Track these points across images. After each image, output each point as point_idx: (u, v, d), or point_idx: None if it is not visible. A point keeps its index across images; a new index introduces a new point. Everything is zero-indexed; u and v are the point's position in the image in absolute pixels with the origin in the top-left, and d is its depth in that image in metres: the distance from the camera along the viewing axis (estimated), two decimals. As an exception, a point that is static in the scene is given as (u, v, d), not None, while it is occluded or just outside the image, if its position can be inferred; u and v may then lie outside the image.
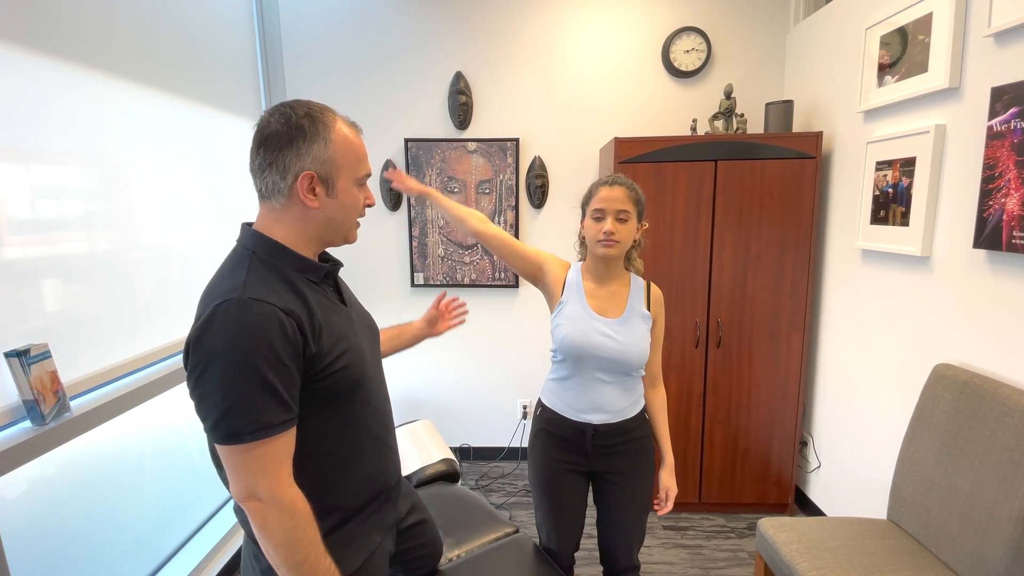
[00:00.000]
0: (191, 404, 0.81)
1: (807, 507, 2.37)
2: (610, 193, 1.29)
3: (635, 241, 1.36)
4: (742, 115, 2.31)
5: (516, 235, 2.67)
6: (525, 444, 2.88)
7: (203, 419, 0.79)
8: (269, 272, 0.85)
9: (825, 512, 2.24)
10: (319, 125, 0.86)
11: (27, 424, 1.32)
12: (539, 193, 2.61)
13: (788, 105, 2.26)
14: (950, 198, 1.58)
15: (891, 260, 1.83)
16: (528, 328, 2.76)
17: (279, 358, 0.79)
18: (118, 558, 1.66)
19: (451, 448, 2.90)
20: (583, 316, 1.33)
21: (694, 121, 2.39)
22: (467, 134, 2.61)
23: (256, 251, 0.87)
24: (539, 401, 1.47)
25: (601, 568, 1.51)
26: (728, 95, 2.31)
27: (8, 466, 1.22)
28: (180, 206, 1.97)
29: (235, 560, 2.07)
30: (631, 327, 1.33)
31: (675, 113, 2.60)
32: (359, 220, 0.98)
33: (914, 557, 1.45)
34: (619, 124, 2.61)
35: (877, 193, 1.86)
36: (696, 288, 2.25)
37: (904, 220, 1.73)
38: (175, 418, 1.95)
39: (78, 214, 1.53)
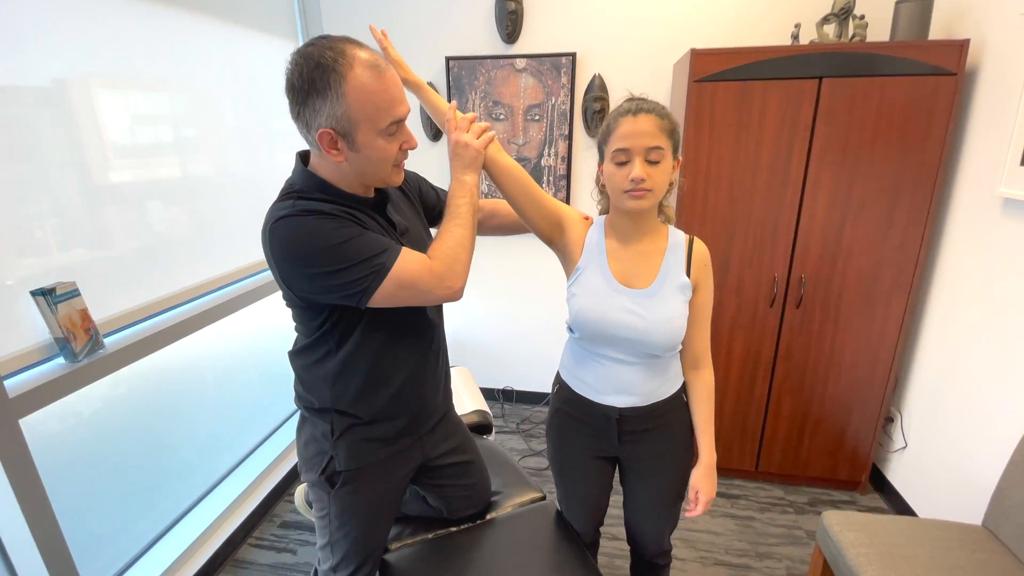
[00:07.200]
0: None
1: (884, 488, 2.11)
2: (635, 126, 0.98)
3: (670, 183, 1.05)
4: (862, 17, 1.81)
5: (568, 170, 2.38)
6: (571, 391, 2.76)
7: (353, 295, 0.88)
8: (314, 201, 0.89)
9: (904, 496, 1.98)
10: (330, 77, 0.81)
11: (61, 361, 1.35)
12: (597, 119, 2.28)
13: (926, 4, 1.73)
14: None
15: (1049, 214, 1.41)
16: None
17: (343, 225, 0.87)
18: (172, 478, 1.76)
19: (494, 390, 2.86)
20: (603, 287, 1.08)
21: (797, 27, 1.91)
22: (516, 49, 2.28)
23: (303, 188, 0.92)
24: (557, 375, 1.28)
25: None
26: (846, -9, 1.81)
27: (42, 402, 1.25)
28: (211, 137, 1.88)
29: (286, 480, 2.17)
30: (662, 301, 1.06)
31: (773, 16, 2.10)
32: (404, 161, 0.98)
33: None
34: (699, 33, 2.16)
35: (1043, 123, 1.40)
36: (778, 237, 1.91)
37: (1080, 161, 1.30)
38: (233, 344, 2.02)
39: (119, 144, 1.48)
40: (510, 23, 2.19)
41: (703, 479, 1.17)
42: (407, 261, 0.90)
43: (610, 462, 1.26)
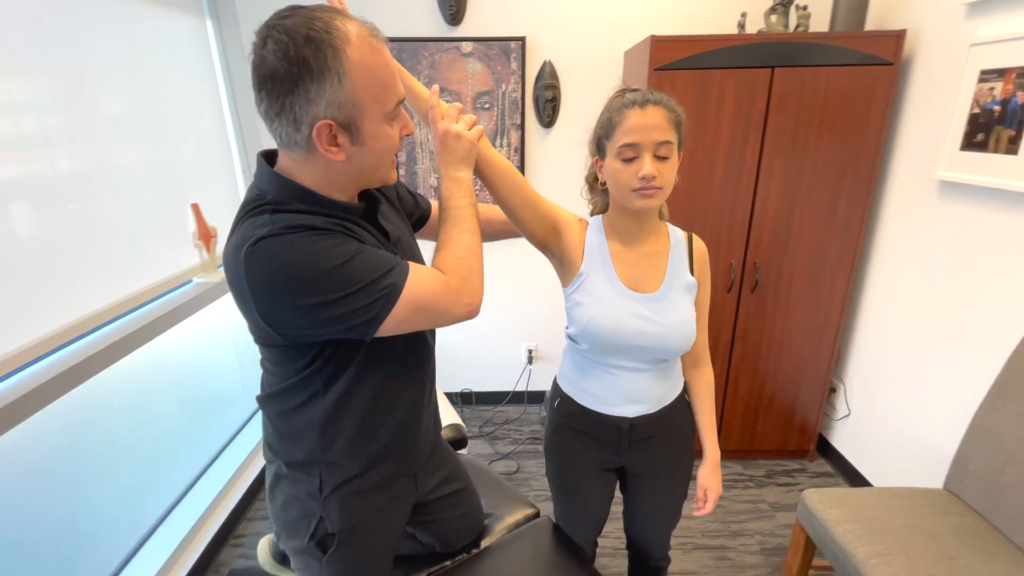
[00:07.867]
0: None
1: (829, 454, 2.27)
2: (644, 119, 0.91)
3: None
4: (805, 8, 1.87)
5: (522, 162, 2.28)
6: (530, 388, 2.70)
7: (358, 327, 0.73)
8: (296, 214, 0.73)
9: (850, 460, 2.14)
10: (327, 54, 0.65)
11: (-73, 427, 1.05)
12: (549, 108, 2.19)
13: (862, -6, 1.82)
14: (1086, 121, 1.25)
15: (984, 196, 1.53)
16: (534, 269, 2.45)
17: (340, 241, 0.72)
18: (89, 541, 1.47)
19: (453, 394, 2.73)
20: (612, 294, 1.01)
21: (743, 16, 1.94)
22: (461, 31, 2.12)
23: (277, 199, 0.74)
24: (556, 387, 1.19)
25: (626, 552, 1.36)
26: (788, -19, 1.85)
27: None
28: (109, 125, 1.56)
29: (230, 521, 1.91)
30: (673, 303, 1.02)
31: (719, 6, 2.11)
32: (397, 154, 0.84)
33: (983, 538, 1.31)
34: (650, 20, 2.13)
35: (977, 111, 1.51)
36: (735, 225, 1.95)
37: (1012, 147, 1.41)
38: (144, 367, 1.70)
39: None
40: (454, 3, 2.02)
41: (711, 476, 1.16)
42: (419, 279, 0.76)
43: (614, 472, 1.21)
